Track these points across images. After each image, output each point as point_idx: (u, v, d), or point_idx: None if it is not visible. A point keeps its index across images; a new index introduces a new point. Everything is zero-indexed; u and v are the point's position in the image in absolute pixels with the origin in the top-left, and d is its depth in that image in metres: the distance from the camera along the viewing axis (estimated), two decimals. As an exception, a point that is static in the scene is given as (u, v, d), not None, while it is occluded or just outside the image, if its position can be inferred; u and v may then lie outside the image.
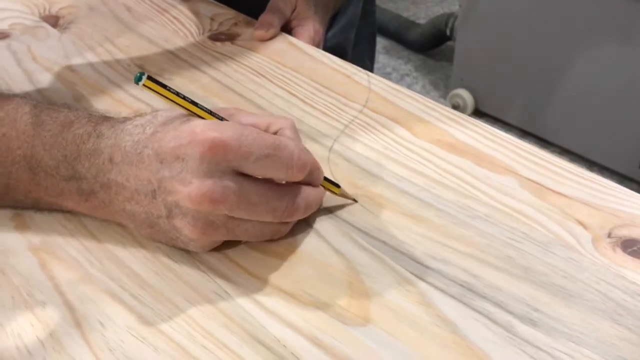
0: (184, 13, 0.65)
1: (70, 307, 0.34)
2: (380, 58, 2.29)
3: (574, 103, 1.70)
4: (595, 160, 1.75)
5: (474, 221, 0.38)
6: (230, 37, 0.60)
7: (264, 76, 0.54)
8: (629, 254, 0.36)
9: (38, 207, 0.39)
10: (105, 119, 0.37)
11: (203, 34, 0.61)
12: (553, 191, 0.40)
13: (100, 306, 0.34)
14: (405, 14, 2.40)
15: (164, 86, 0.33)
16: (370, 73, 0.53)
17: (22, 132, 0.36)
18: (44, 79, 0.54)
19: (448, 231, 0.38)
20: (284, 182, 0.36)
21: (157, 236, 0.36)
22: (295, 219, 0.37)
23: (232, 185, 0.32)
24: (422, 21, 2.30)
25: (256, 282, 0.35)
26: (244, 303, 0.34)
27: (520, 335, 0.32)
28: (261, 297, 0.34)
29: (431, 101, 0.49)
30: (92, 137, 0.35)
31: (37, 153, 0.36)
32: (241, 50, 0.58)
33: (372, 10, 0.85)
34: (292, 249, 0.37)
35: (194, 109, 0.34)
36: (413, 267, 0.35)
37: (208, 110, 0.35)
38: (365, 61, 0.84)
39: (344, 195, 0.40)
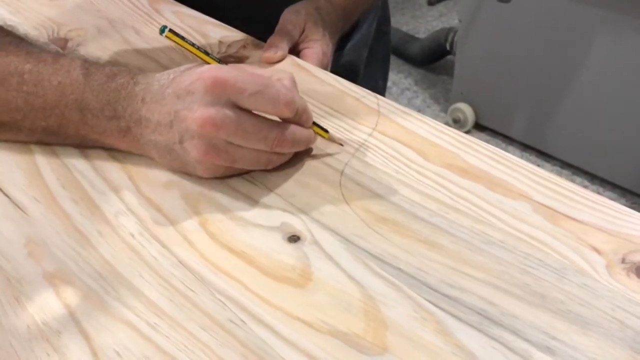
0: (192, 36, 0.65)
1: (86, 336, 0.34)
2: (381, 73, 2.29)
3: (575, 116, 1.71)
4: (597, 174, 1.75)
5: (489, 247, 0.38)
6: (239, 60, 0.60)
7: (273, 99, 0.54)
8: (644, 280, 0.36)
9: (84, 144, 0.46)
10: (142, 71, 0.45)
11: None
12: (566, 216, 0.40)
13: (116, 335, 0.34)
14: (405, 29, 2.42)
15: (183, 38, 0.45)
16: (379, 96, 0.54)
17: (75, 80, 0.44)
18: (55, 103, 0.54)
19: (463, 257, 0.38)
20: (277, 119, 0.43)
21: (174, 163, 0.44)
22: (284, 150, 0.43)
23: (230, 114, 0.40)
24: (421, 35, 2.31)
25: (272, 310, 0.35)
26: (260, 332, 0.34)
27: (538, 364, 0.32)
28: (277, 326, 0.34)
29: (441, 124, 0.50)
30: (129, 85, 0.43)
31: (86, 98, 0.44)
32: (250, 73, 0.58)
33: (386, 31, 0.85)
34: (307, 275, 0.37)
35: (205, 57, 0.45)
36: (429, 294, 0.35)
37: (217, 59, 0.46)
38: (378, 81, 0.85)
39: (332, 139, 0.47)
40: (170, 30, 0.43)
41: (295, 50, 0.62)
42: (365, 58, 0.80)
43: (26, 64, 0.45)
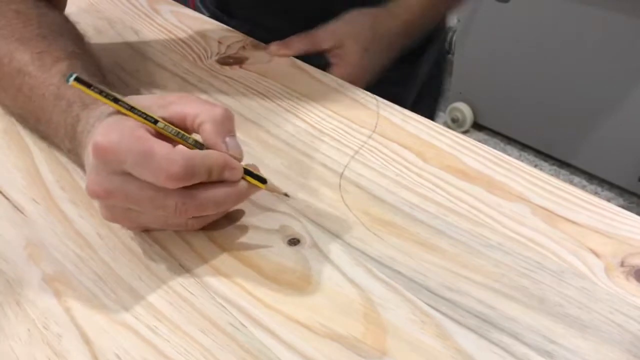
0: (191, 36, 0.65)
1: (86, 340, 0.34)
2: (380, 72, 2.29)
3: (573, 116, 1.71)
4: (595, 173, 1.76)
5: (488, 250, 0.38)
6: (239, 61, 0.60)
7: (273, 101, 0.54)
8: (643, 283, 0.36)
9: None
10: (88, 106, 0.42)
11: (211, 57, 0.61)
12: (565, 219, 0.40)
13: (116, 339, 0.34)
14: (404, 28, 2.41)
15: (90, 86, 0.37)
16: (378, 98, 0.54)
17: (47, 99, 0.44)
18: (54, 104, 0.54)
19: (462, 260, 0.38)
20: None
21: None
22: (194, 214, 0.38)
23: (116, 182, 0.36)
24: (421, 35, 2.30)
25: (272, 314, 0.35)
26: (260, 335, 0.34)
27: (537, 367, 0.32)
28: (277, 329, 0.34)
29: (440, 126, 0.50)
30: (76, 122, 0.41)
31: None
32: (250, 75, 0.58)
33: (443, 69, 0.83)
34: (307, 278, 0.37)
35: (114, 105, 0.37)
36: (428, 297, 0.36)
37: (129, 106, 0.37)
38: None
39: (272, 189, 0.41)
40: (77, 79, 0.37)
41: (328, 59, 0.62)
42: (415, 92, 0.79)
43: (31, 65, 0.45)
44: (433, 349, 0.33)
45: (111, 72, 0.59)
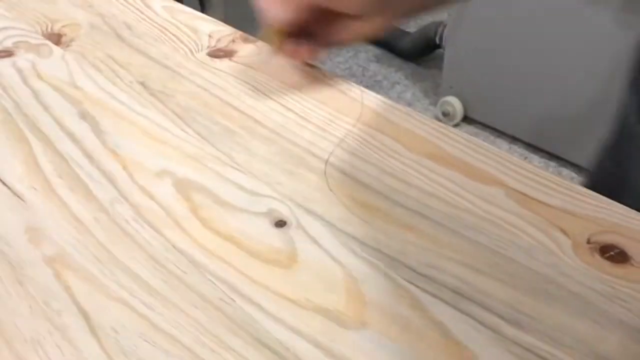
0: (182, 31, 0.67)
1: (85, 316, 0.36)
2: (372, 66, 2.32)
3: (563, 110, 1.74)
4: (584, 165, 1.79)
5: (464, 230, 0.41)
6: (229, 54, 0.62)
7: (261, 92, 0.56)
8: (606, 258, 0.38)
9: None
10: None
11: (202, 50, 0.63)
12: (537, 201, 0.43)
13: (113, 314, 0.36)
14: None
15: None
16: (362, 88, 0.56)
17: None
18: (50, 97, 0.56)
19: (439, 240, 0.40)
20: None
21: None
22: None
23: None
24: (411, 29, 2.33)
25: (260, 290, 0.37)
26: (248, 309, 0.36)
27: (506, 335, 0.34)
28: (264, 303, 0.36)
29: (422, 115, 0.52)
30: None
31: None
32: (239, 67, 0.60)
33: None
34: (293, 257, 0.39)
35: None
36: (406, 273, 0.38)
37: None
38: None
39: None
40: None
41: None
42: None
43: None
44: (409, 319, 0.35)
45: (104, 63, 0.61)
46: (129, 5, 0.73)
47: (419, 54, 2.27)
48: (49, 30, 0.68)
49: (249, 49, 0.63)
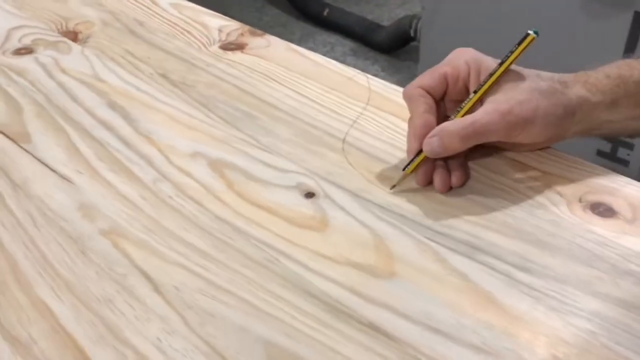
0: (193, 26, 0.71)
1: (147, 278, 0.41)
2: (348, 60, 2.37)
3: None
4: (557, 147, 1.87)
5: (473, 195, 0.46)
6: (240, 47, 0.67)
7: (275, 80, 0.61)
8: (596, 214, 0.44)
9: None
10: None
11: (214, 44, 0.68)
12: (537, 170, 0.49)
13: (172, 275, 0.41)
14: (369, 17, 2.49)
15: None
16: (369, 75, 0.61)
17: None
18: (78, 89, 0.60)
19: (451, 204, 0.46)
20: None
21: None
22: None
23: None
24: (386, 23, 2.39)
25: (300, 250, 0.42)
26: (292, 266, 0.41)
27: (518, 279, 0.40)
28: (305, 261, 0.41)
29: (424, 97, 0.57)
30: None
31: None
32: (252, 58, 0.65)
33: None
34: (325, 222, 0.45)
35: None
36: (426, 232, 0.43)
37: None
38: None
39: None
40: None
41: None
42: None
43: None
44: (433, 269, 0.41)
45: (123, 57, 0.65)
46: (137, 3, 0.77)
47: (394, 47, 2.33)
48: (64, 28, 0.72)
49: (257, 41, 0.68)
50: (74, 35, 0.70)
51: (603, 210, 0.45)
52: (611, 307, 0.38)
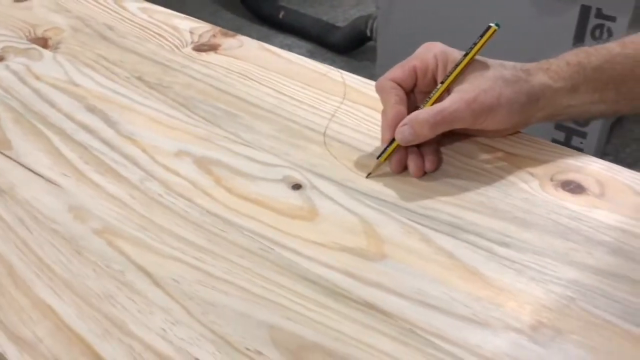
0: (164, 29, 0.72)
1: (145, 273, 0.42)
2: (307, 61, 2.39)
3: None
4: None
5: (450, 179, 0.49)
6: (213, 48, 0.68)
7: (252, 79, 0.63)
8: (567, 191, 0.47)
9: None
10: None
11: (187, 46, 0.69)
12: (508, 153, 0.51)
13: (170, 269, 0.42)
14: (325, 18, 2.52)
15: None
16: (342, 71, 0.63)
17: None
18: (53, 95, 0.60)
19: (430, 188, 0.48)
20: None
21: None
22: None
23: None
24: (341, 24, 2.42)
25: (292, 239, 0.44)
26: (287, 254, 0.43)
27: (500, 254, 0.42)
28: (299, 248, 0.43)
29: (397, 90, 0.60)
30: None
31: None
32: (226, 59, 0.66)
33: None
34: (314, 212, 0.46)
35: None
36: (410, 215, 0.46)
37: None
38: None
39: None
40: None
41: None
42: None
43: None
44: (420, 249, 0.43)
45: (97, 62, 0.66)
46: (105, 8, 0.77)
47: (351, 47, 2.37)
48: (33, 35, 0.72)
49: (230, 42, 0.69)
50: (44, 42, 0.70)
51: (573, 187, 0.48)
52: (587, 275, 0.41)
